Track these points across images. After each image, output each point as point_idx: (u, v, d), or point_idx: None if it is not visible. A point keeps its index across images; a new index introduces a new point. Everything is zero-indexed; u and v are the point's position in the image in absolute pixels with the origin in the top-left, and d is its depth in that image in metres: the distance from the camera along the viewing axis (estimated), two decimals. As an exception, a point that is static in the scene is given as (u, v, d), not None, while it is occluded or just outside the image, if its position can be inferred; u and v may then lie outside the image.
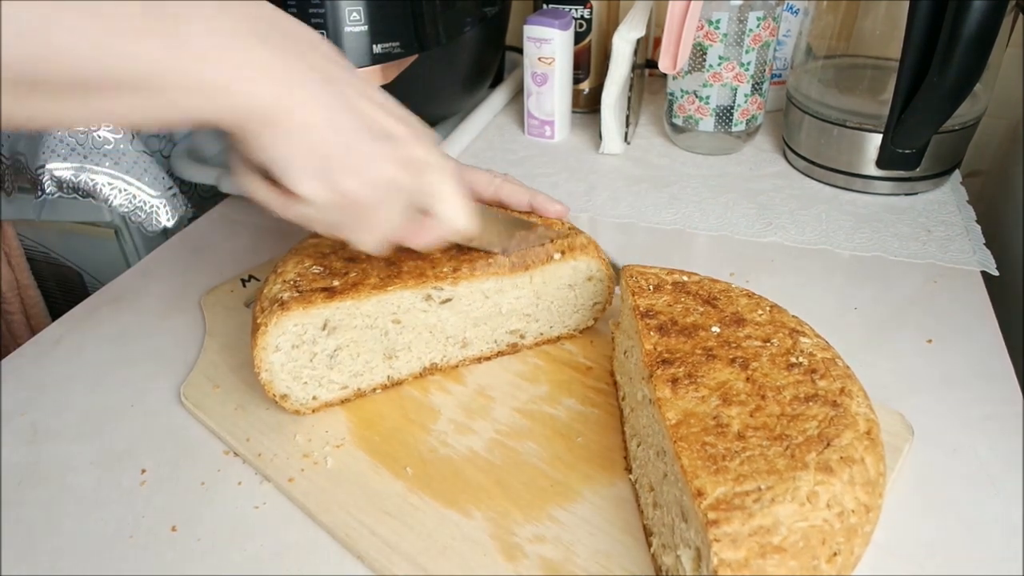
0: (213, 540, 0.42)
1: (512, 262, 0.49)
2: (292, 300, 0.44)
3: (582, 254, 0.50)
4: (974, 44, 0.55)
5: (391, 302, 0.47)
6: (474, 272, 0.48)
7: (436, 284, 0.47)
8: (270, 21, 0.34)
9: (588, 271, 0.51)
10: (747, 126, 0.78)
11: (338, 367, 0.47)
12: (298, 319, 0.44)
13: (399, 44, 0.71)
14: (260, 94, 0.32)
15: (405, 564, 0.39)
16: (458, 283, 0.48)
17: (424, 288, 0.47)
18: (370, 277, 0.46)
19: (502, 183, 0.52)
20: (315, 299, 0.44)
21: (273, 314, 0.43)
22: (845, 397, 0.37)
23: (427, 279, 0.47)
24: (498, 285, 0.49)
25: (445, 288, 0.48)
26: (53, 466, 0.47)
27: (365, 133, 0.36)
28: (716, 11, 0.71)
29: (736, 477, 0.33)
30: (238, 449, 0.47)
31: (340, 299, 0.44)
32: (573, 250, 0.50)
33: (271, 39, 0.33)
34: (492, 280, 0.49)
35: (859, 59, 0.74)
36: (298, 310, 0.44)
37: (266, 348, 0.44)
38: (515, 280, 0.50)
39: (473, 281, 0.48)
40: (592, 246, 0.51)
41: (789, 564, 0.31)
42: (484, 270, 0.48)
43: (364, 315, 0.46)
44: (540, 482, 0.43)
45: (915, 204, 0.70)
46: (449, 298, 0.48)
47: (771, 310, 0.44)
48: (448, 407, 0.49)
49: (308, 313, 0.44)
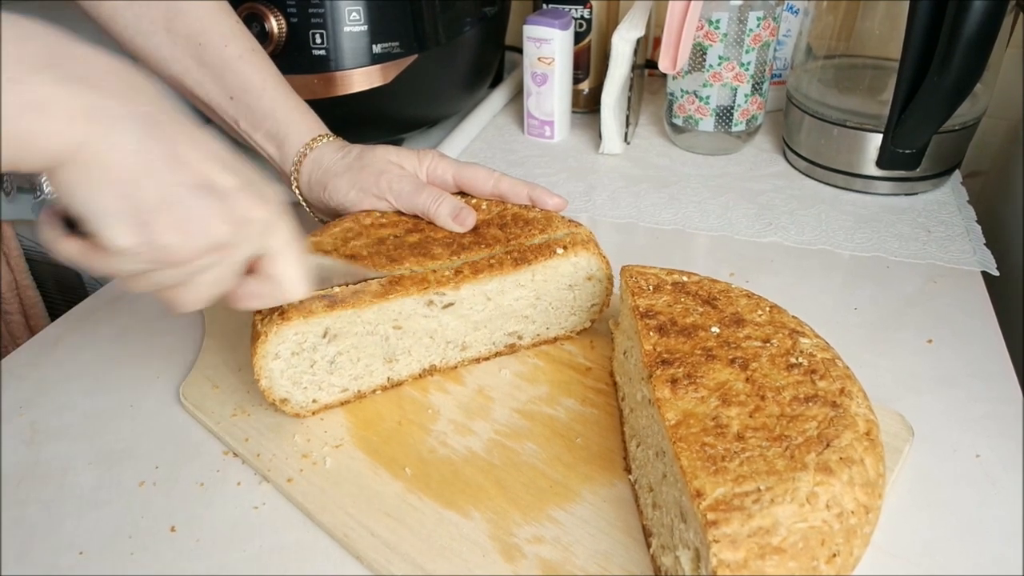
0: (212, 540, 0.42)
1: (514, 258, 0.48)
2: (292, 309, 0.43)
3: (583, 249, 0.50)
4: (974, 44, 0.55)
5: (393, 309, 0.46)
6: (477, 274, 0.47)
7: (438, 289, 0.47)
8: (78, 59, 0.31)
9: (588, 269, 0.51)
10: (747, 126, 0.78)
11: (338, 371, 0.47)
12: (298, 328, 0.44)
13: (399, 44, 0.71)
14: (59, 134, 0.29)
15: (404, 564, 0.39)
16: (460, 286, 0.47)
17: (426, 294, 0.47)
18: (371, 283, 0.45)
19: (500, 178, 0.53)
20: (315, 308, 0.44)
21: (273, 323, 0.43)
22: (845, 398, 0.37)
23: (429, 284, 0.46)
24: (500, 286, 0.49)
25: (447, 292, 0.47)
26: (53, 466, 0.47)
27: (191, 186, 0.33)
28: (716, 11, 0.71)
29: (735, 478, 0.33)
30: (237, 449, 0.47)
31: (341, 308, 0.44)
32: (575, 245, 0.50)
33: (77, 77, 0.30)
34: (495, 281, 0.48)
35: (859, 59, 0.73)
36: (298, 319, 0.43)
37: (265, 356, 0.44)
38: (517, 279, 0.49)
39: (476, 283, 0.48)
40: (592, 242, 0.51)
41: (788, 565, 0.31)
42: (487, 270, 0.48)
43: (365, 322, 0.46)
44: (539, 483, 0.43)
45: (915, 204, 0.70)
46: (451, 302, 0.48)
47: (771, 310, 0.43)
48: (447, 407, 0.49)
49: (308, 322, 0.44)
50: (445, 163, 0.55)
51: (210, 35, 0.56)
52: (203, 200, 0.33)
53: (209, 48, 0.56)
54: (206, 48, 0.56)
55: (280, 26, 0.67)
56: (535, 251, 0.49)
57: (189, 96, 0.59)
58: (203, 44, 0.56)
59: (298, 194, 0.58)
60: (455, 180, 0.54)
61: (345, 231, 0.51)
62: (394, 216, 0.53)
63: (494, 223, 0.52)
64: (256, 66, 0.57)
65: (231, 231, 0.35)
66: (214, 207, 0.34)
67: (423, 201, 0.52)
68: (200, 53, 0.56)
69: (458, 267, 0.47)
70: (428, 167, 0.55)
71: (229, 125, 0.58)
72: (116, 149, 0.31)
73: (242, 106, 0.57)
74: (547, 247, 0.49)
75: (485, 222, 0.52)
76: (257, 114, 0.57)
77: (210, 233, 0.34)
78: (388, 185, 0.53)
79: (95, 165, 0.30)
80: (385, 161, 0.54)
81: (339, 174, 0.54)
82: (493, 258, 0.48)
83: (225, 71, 0.56)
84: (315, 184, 0.56)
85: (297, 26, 0.68)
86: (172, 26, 0.55)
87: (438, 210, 0.51)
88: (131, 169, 0.31)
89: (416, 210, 0.52)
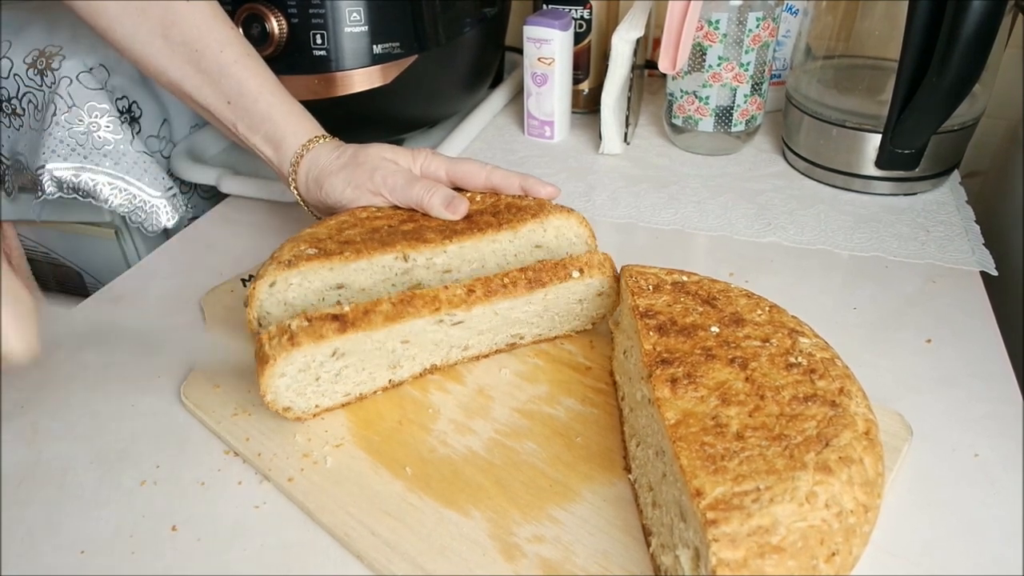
0: (213, 539, 0.42)
1: (528, 278, 0.48)
2: (301, 332, 0.42)
3: (599, 273, 0.49)
4: (973, 44, 0.55)
5: (403, 328, 0.46)
6: (489, 296, 0.47)
7: (450, 311, 0.46)
8: None
9: (600, 287, 0.51)
10: (747, 126, 0.78)
11: (342, 381, 0.47)
12: (308, 352, 0.43)
13: (399, 44, 0.71)
14: None
15: (404, 564, 0.39)
16: (472, 308, 0.47)
17: (438, 315, 0.46)
18: (382, 303, 0.44)
19: (492, 170, 0.54)
20: (326, 332, 0.42)
21: (283, 348, 0.42)
22: (844, 397, 0.37)
23: (440, 305, 0.45)
24: (511, 304, 0.48)
25: (459, 314, 0.47)
26: (54, 466, 0.47)
27: None
28: (716, 11, 0.71)
29: (735, 477, 0.33)
30: (238, 449, 0.47)
31: (352, 330, 0.43)
32: (591, 267, 0.49)
33: None
34: (507, 302, 0.48)
35: (858, 59, 0.74)
36: (309, 344, 0.42)
37: (273, 376, 0.43)
38: (529, 298, 0.49)
39: (487, 304, 0.47)
40: (609, 263, 0.50)
41: (787, 564, 0.31)
42: (500, 291, 0.47)
43: (374, 340, 0.45)
44: (539, 482, 0.43)
45: (914, 204, 0.70)
46: (461, 320, 0.48)
47: (770, 310, 0.44)
48: (448, 407, 0.49)
49: (319, 346, 0.43)
50: (438, 160, 0.56)
51: (206, 41, 0.56)
52: None
53: (206, 54, 0.56)
54: (203, 54, 0.56)
55: (281, 27, 0.67)
56: (550, 272, 0.48)
57: (189, 101, 0.59)
58: (199, 51, 0.56)
59: (297, 195, 0.59)
60: (448, 175, 0.55)
61: (341, 223, 0.52)
62: (389, 210, 0.54)
63: (487, 212, 0.52)
64: (252, 71, 0.57)
65: None
66: None
67: (416, 193, 0.52)
68: (197, 59, 0.56)
69: (470, 286, 0.46)
70: (422, 164, 0.56)
71: (228, 128, 0.59)
72: None
73: (239, 110, 0.58)
74: (562, 267, 0.48)
75: (478, 211, 0.53)
76: (255, 118, 0.58)
77: None
78: (383, 180, 0.53)
79: None
80: (379, 158, 0.55)
81: (335, 172, 0.55)
82: (507, 277, 0.47)
83: (222, 76, 0.57)
84: (312, 184, 0.57)
85: (297, 27, 0.68)
86: (169, 33, 0.56)
87: (431, 200, 0.52)
88: None
89: (410, 202, 0.53)
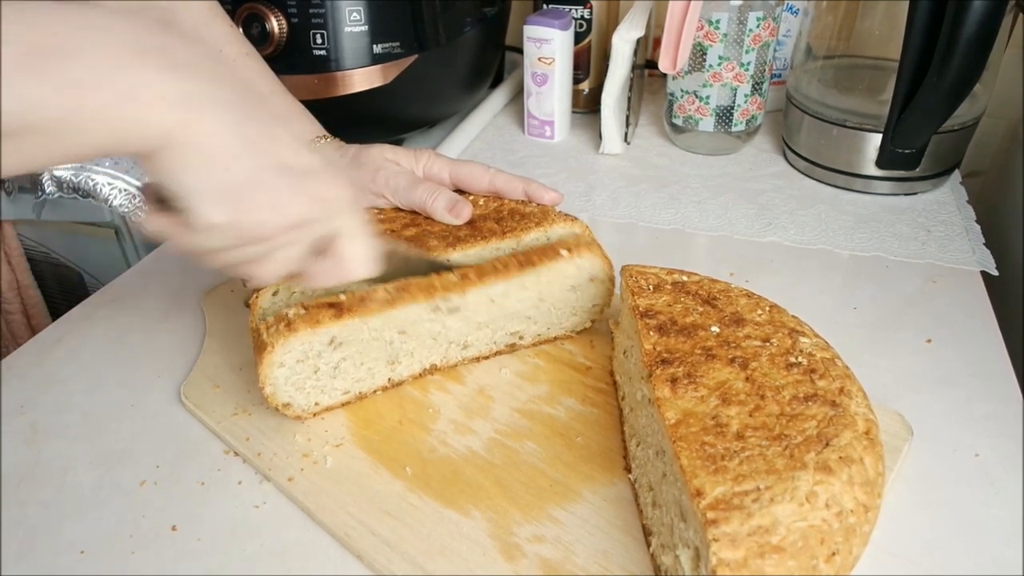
0: (213, 540, 0.42)
1: (519, 261, 0.48)
2: (298, 319, 0.43)
3: (587, 251, 0.50)
4: (974, 44, 0.55)
5: (399, 316, 0.46)
6: (482, 277, 0.47)
7: (444, 295, 0.47)
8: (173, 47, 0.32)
9: (592, 271, 0.51)
10: (747, 126, 0.78)
11: (341, 376, 0.47)
12: (305, 339, 0.44)
13: (399, 44, 0.71)
14: (160, 119, 0.30)
15: (404, 564, 0.39)
16: (466, 291, 0.47)
17: (432, 301, 0.46)
18: (377, 290, 0.45)
19: (496, 174, 0.54)
20: (322, 318, 0.43)
21: (280, 334, 0.43)
22: (844, 397, 0.37)
23: (435, 290, 0.46)
24: (505, 289, 0.49)
25: (453, 298, 0.47)
26: (54, 466, 0.47)
27: (278, 165, 0.34)
28: (716, 11, 0.71)
29: (735, 477, 0.33)
30: (238, 449, 0.47)
31: (348, 316, 0.44)
32: (579, 246, 0.50)
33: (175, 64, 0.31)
34: (500, 284, 0.48)
35: (859, 59, 0.74)
36: (305, 330, 0.43)
37: (271, 365, 0.44)
38: (522, 281, 0.49)
39: (481, 287, 0.48)
40: (596, 243, 0.51)
41: (788, 564, 0.31)
42: (492, 273, 0.48)
43: (371, 329, 0.46)
44: (539, 482, 0.43)
45: (915, 204, 0.70)
46: (457, 307, 0.48)
47: (770, 310, 0.44)
48: (448, 407, 0.49)
49: (316, 332, 0.43)
50: (441, 161, 0.55)
51: (205, 40, 0.56)
52: (289, 179, 0.35)
53: None
54: None
55: (281, 26, 0.67)
56: (539, 253, 0.49)
57: None
58: None
59: None
60: (451, 178, 0.55)
61: None
62: (391, 212, 0.54)
63: (490, 218, 0.52)
64: (253, 70, 0.57)
65: (313, 208, 0.36)
66: (299, 185, 0.35)
67: (419, 195, 0.52)
68: None
69: (464, 271, 0.47)
70: (424, 166, 0.55)
71: None
72: (213, 133, 0.32)
73: None
74: (552, 249, 0.49)
75: (481, 216, 0.52)
76: None
77: (295, 210, 0.35)
78: (385, 181, 0.53)
79: (193, 148, 0.32)
80: (382, 159, 0.55)
81: None
82: (498, 261, 0.48)
83: None
84: None
85: (298, 26, 0.68)
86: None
87: (434, 203, 0.52)
88: (226, 151, 0.32)
89: (413, 205, 0.53)
